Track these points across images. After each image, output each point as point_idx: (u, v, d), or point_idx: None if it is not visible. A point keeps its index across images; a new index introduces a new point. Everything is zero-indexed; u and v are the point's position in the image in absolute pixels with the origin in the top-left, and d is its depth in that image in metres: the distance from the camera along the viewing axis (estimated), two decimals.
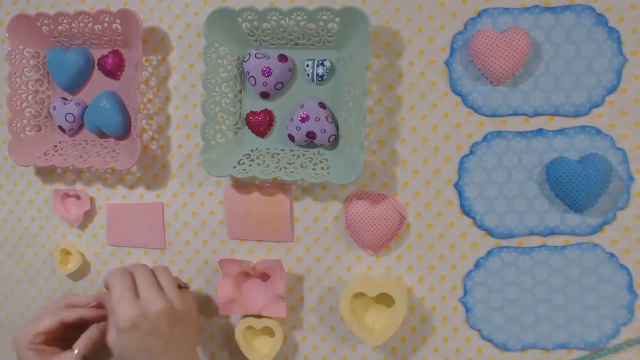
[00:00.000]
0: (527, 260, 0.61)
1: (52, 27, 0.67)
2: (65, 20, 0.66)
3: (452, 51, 0.61)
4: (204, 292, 0.69)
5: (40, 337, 0.56)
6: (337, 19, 0.58)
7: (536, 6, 0.59)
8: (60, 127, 0.70)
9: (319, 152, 0.63)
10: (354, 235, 0.63)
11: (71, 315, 0.58)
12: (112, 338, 0.54)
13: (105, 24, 0.65)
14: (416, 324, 0.63)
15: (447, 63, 0.61)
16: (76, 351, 0.56)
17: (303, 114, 0.61)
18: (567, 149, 0.59)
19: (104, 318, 0.59)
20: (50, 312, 0.58)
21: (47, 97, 0.71)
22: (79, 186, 0.72)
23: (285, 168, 0.61)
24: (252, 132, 0.65)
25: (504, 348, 0.61)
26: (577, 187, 0.56)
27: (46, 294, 0.75)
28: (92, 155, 0.67)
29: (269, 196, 0.65)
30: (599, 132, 0.58)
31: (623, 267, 0.59)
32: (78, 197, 0.71)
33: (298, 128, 0.62)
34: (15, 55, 0.68)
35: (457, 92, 0.61)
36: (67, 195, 0.72)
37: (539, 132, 0.60)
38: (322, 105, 0.62)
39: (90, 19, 0.65)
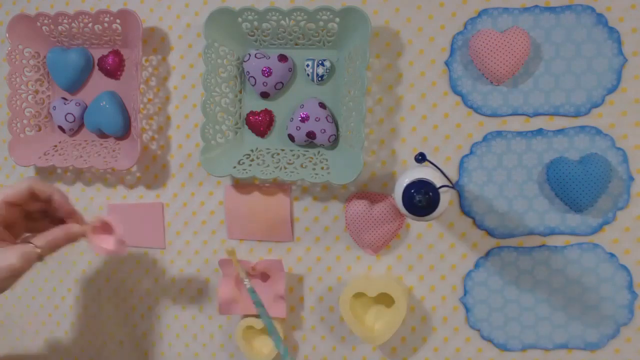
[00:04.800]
0: (527, 260, 0.60)
1: (52, 27, 0.67)
2: (65, 20, 0.66)
3: (452, 51, 0.61)
4: (204, 292, 0.69)
5: (2, 210, 0.47)
6: (337, 19, 0.58)
7: (536, 6, 0.59)
8: (60, 127, 0.70)
9: (319, 152, 0.63)
10: (354, 235, 0.63)
11: (44, 188, 0.49)
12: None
13: (105, 24, 0.65)
14: (416, 324, 0.63)
15: (447, 63, 0.61)
16: (38, 250, 0.46)
17: (303, 114, 0.61)
18: (567, 149, 0.59)
19: (70, 216, 0.51)
20: (17, 183, 0.49)
21: (47, 97, 0.71)
22: (79, 186, 0.72)
23: (285, 168, 0.61)
24: (252, 132, 0.65)
25: (504, 348, 0.61)
26: (577, 187, 0.56)
27: (47, 294, 0.75)
28: (92, 155, 0.67)
29: (269, 196, 0.65)
30: (599, 132, 0.58)
31: (623, 267, 0.59)
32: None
33: (298, 128, 0.62)
34: (15, 55, 0.68)
35: (457, 92, 0.61)
36: None
37: (539, 132, 0.59)
38: (322, 105, 0.62)
39: (90, 19, 0.65)
